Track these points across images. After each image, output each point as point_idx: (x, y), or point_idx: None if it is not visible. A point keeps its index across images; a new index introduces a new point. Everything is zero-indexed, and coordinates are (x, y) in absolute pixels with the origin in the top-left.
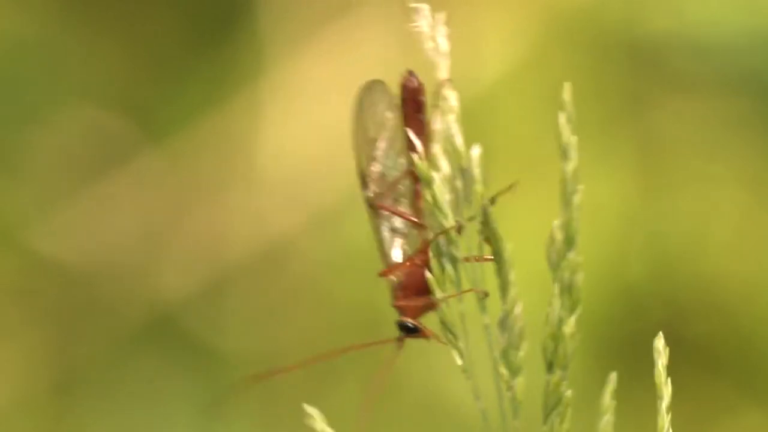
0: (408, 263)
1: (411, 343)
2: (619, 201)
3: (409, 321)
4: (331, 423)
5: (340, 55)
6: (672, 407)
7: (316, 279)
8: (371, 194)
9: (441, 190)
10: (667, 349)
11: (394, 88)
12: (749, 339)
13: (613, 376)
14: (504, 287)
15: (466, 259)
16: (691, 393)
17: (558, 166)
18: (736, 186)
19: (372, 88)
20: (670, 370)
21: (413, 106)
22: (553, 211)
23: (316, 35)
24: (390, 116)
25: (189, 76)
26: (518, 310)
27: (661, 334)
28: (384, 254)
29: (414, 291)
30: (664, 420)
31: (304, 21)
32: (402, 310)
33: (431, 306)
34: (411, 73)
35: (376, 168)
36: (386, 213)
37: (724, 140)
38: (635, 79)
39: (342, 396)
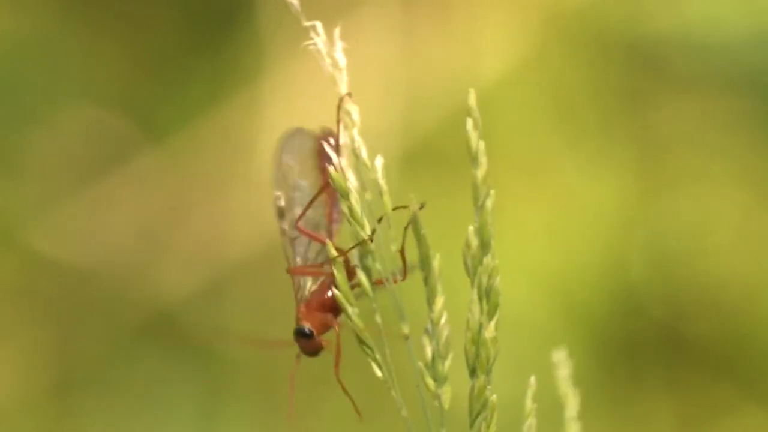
0: (316, 270)
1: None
2: (619, 201)
3: (306, 326)
4: (331, 423)
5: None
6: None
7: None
8: (286, 226)
9: (357, 201)
10: (570, 362)
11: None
12: (749, 339)
13: (532, 380)
14: (431, 297)
15: (383, 281)
16: (691, 393)
17: (558, 165)
18: (736, 186)
19: (294, 135)
20: (670, 369)
21: (326, 158)
22: (553, 210)
23: (312, 34)
24: (309, 165)
25: (189, 76)
26: (444, 319)
27: (563, 347)
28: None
29: (318, 307)
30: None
31: (307, 20)
32: (299, 320)
33: (332, 323)
34: (326, 133)
35: (294, 207)
36: (300, 241)
37: (723, 140)
38: (635, 79)
39: (342, 396)
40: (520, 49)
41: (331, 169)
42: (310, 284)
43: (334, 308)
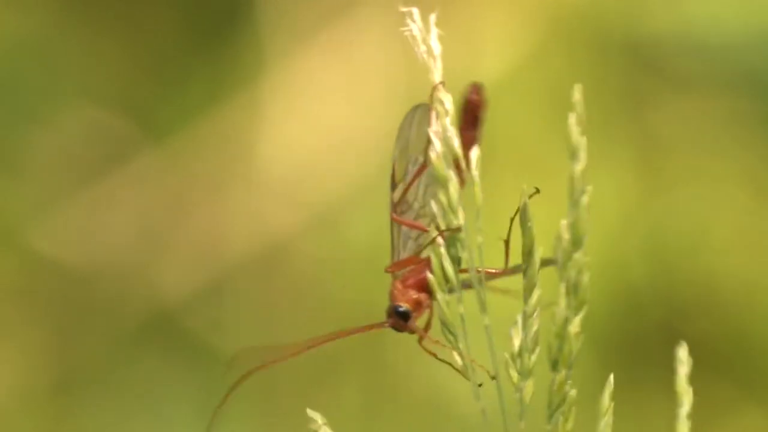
0: (413, 261)
1: (410, 343)
2: (619, 200)
3: (403, 305)
4: (331, 423)
5: (339, 55)
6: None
7: (316, 279)
8: (395, 198)
9: (456, 189)
10: (691, 360)
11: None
12: (749, 338)
13: (611, 379)
14: (529, 289)
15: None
16: (691, 393)
17: (558, 165)
18: (736, 185)
19: (426, 110)
20: (670, 369)
21: (470, 119)
22: (554, 210)
23: (316, 35)
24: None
25: (189, 76)
26: (537, 313)
27: (684, 343)
28: (394, 253)
29: (414, 286)
30: (685, 428)
31: (304, 21)
32: (396, 298)
33: (426, 304)
34: (476, 87)
35: (407, 181)
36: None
37: (723, 139)
38: (635, 79)
39: (342, 396)
40: (520, 49)
41: (433, 156)
42: (411, 245)
43: (430, 290)
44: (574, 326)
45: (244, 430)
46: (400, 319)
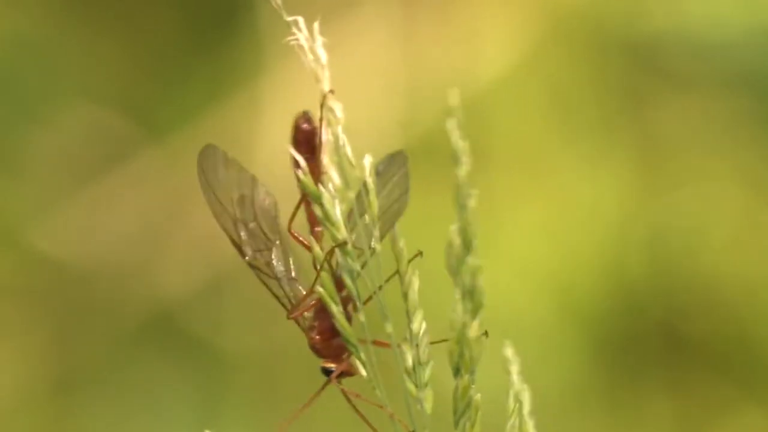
0: (313, 301)
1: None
2: (619, 200)
3: (329, 365)
4: (331, 422)
5: (339, 55)
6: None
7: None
8: (250, 256)
9: (331, 203)
10: (518, 359)
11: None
12: (749, 337)
13: (515, 378)
14: (412, 310)
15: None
16: (691, 392)
17: (558, 165)
18: (736, 185)
19: (206, 153)
20: (670, 369)
21: (306, 149)
22: (552, 209)
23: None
24: (234, 174)
25: (189, 75)
26: (423, 330)
27: (508, 343)
28: (285, 301)
29: (328, 332)
30: (528, 426)
31: (304, 21)
32: (320, 353)
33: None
34: (305, 115)
35: (244, 230)
36: (265, 269)
37: (723, 139)
38: (635, 79)
39: (342, 396)
40: (520, 49)
41: (299, 173)
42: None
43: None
44: (473, 330)
45: (244, 430)
46: (327, 375)
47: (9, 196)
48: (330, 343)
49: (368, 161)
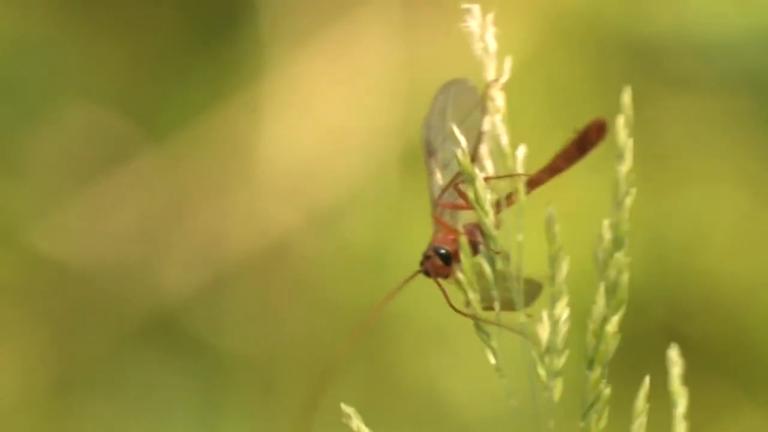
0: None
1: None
2: None
3: (445, 247)
4: (331, 422)
5: (340, 55)
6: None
7: (315, 278)
8: (433, 165)
9: (483, 187)
10: (681, 360)
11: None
12: (750, 338)
13: (647, 380)
14: (557, 295)
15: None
16: (691, 392)
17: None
18: (736, 185)
19: (464, 84)
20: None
21: (574, 153)
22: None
23: (316, 35)
24: (476, 117)
25: (189, 75)
26: (565, 317)
27: (674, 344)
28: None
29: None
30: (681, 427)
31: (304, 21)
32: (439, 241)
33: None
34: (600, 125)
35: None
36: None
37: (723, 139)
38: (635, 79)
39: (342, 396)
40: (520, 49)
41: (459, 152)
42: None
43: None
44: (612, 325)
45: (244, 430)
46: (441, 260)
47: (9, 196)
48: (452, 242)
49: (522, 152)
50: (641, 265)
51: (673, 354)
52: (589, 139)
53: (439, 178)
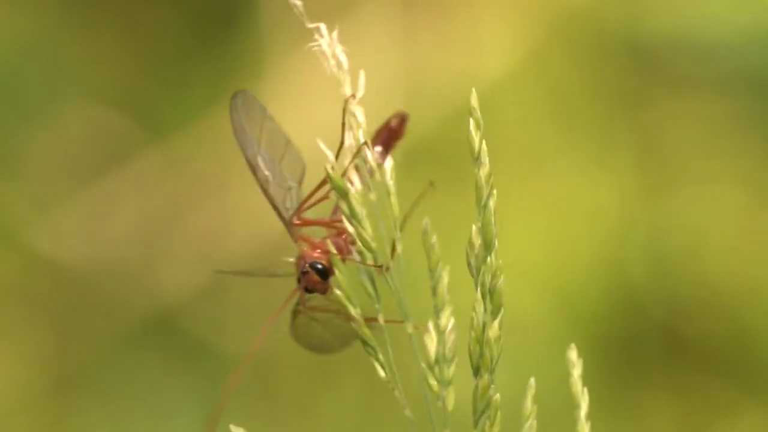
0: (322, 223)
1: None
2: (619, 201)
3: (321, 261)
4: (331, 422)
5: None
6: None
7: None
8: (294, 221)
9: (356, 200)
10: (581, 360)
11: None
12: (749, 338)
13: (532, 382)
14: (440, 305)
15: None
16: (691, 392)
17: (558, 165)
18: (736, 186)
19: (245, 96)
20: (670, 369)
21: (383, 142)
22: (553, 210)
23: (315, 35)
24: (268, 124)
25: (189, 76)
26: (451, 326)
27: (573, 345)
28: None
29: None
30: (584, 428)
31: (309, 21)
32: (310, 256)
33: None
34: (401, 116)
35: (265, 164)
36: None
37: (723, 139)
38: (635, 79)
39: (342, 396)
40: (520, 49)
41: (328, 167)
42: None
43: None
44: (493, 331)
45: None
46: (318, 275)
47: (9, 197)
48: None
49: (389, 164)
50: (641, 265)
51: (572, 355)
52: (392, 130)
53: (278, 197)
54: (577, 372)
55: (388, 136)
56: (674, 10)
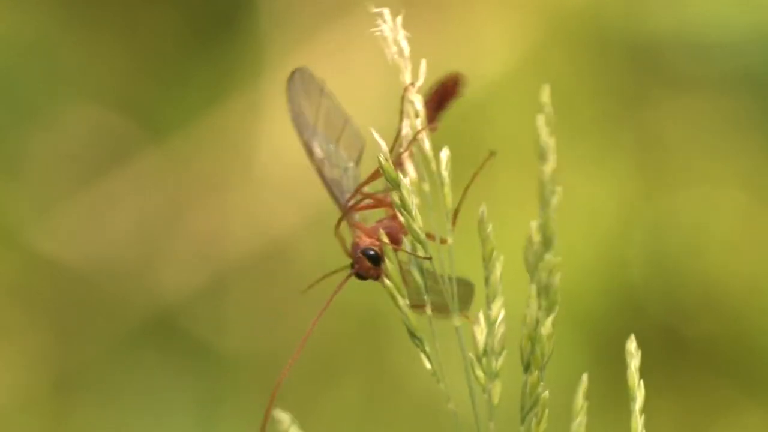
0: (377, 205)
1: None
2: (619, 201)
3: (374, 248)
4: (331, 422)
5: (339, 55)
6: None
7: (315, 278)
8: (348, 204)
9: (408, 192)
10: (640, 352)
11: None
12: (749, 338)
13: (584, 378)
14: (492, 296)
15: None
16: (691, 392)
17: (558, 166)
18: (735, 185)
19: (304, 72)
20: (671, 369)
21: (436, 103)
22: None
23: (316, 35)
24: (326, 101)
25: (189, 75)
26: (501, 317)
27: (633, 336)
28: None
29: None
30: (638, 422)
31: (304, 21)
32: (364, 242)
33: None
34: (456, 78)
35: (320, 145)
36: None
37: (723, 139)
38: (635, 79)
39: (342, 396)
40: (520, 49)
41: (381, 158)
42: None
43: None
44: (546, 328)
45: (243, 430)
46: (371, 262)
47: (9, 196)
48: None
49: (445, 155)
50: (641, 265)
51: (631, 346)
52: (447, 90)
53: (335, 178)
54: (635, 363)
55: (442, 96)
56: (674, 9)
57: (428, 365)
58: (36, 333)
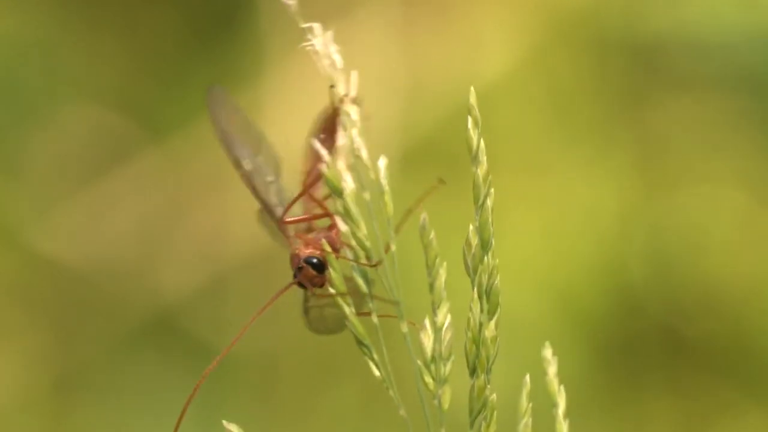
0: (315, 218)
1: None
2: (619, 201)
3: (316, 256)
4: (330, 422)
5: (339, 55)
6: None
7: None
8: (285, 219)
9: (352, 199)
10: (556, 358)
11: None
12: (749, 338)
13: (527, 379)
14: (437, 302)
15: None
16: (691, 393)
17: (558, 165)
18: (735, 185)
19: (217, 92)
20: (670, 369)
21: (329, 127)
22: (553, 210)
23: (309, 35)
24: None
25: (189, 75)
26: (447, 323)
27: (548, 344)
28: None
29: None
30: (563, 427)
31: (304, 21)
32: (304, 252)
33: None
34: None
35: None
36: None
37: (723, 139)
38: (635, 79)
39: (342, 396)
40: (520, 49)
41: (324, 167)
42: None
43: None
44: (490, 330)
45: (243, 430)
46: (314, 270)
47: (9, 196)
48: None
49: (383, 163)
50: (641, 266)
51: (548, 354)
52: (330, 117)
53: (263, 189)
54: (552, 370)
55: (332, 123)
56: (674, 9)
57: (377, 373)
58: (36, 333)
